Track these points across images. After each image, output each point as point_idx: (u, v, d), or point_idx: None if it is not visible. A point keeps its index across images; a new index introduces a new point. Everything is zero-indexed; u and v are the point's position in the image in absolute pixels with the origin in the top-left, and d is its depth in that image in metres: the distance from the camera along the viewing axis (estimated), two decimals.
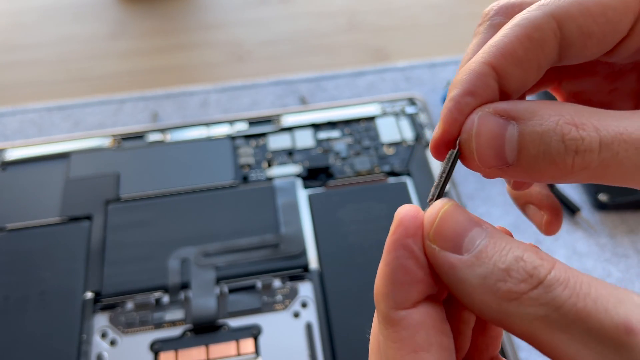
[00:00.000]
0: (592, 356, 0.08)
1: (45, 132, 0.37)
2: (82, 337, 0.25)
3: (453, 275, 0.10)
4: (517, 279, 0.09)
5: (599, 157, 0.09)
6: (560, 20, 0.11)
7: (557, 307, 0.09)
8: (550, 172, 0.10)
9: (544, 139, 0.10)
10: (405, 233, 0.10)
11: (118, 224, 0.29)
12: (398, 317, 0.10)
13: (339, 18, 0.44)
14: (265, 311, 0.26)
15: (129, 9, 0.45)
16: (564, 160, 0.10)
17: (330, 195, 0.30)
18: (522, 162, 0.10)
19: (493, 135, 0.10)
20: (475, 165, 0.11)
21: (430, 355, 0.09)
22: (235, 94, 0.39)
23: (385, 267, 0.10)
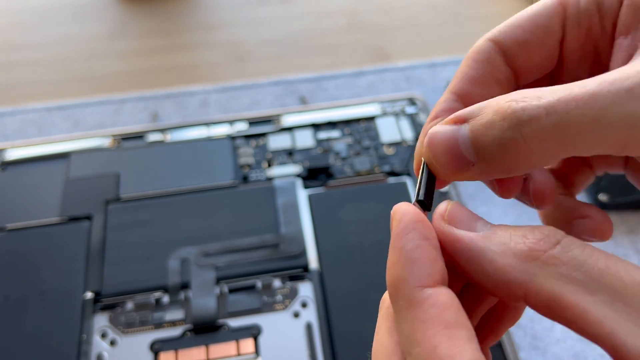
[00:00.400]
0: (618, 317, 0.08)
1: (45, 132, 0.37)
2: (82, 337, 0.25)
3: (474, 247, 0.10)
4: (535, 239, 0.09)
5: (549, 122, 0.09)
6: (495, 40, 0.12)
7: (580, 265, 0.09)
8: (511, 157, 0.10)
9: (489, 126, 0.10)
10: (413, 219, 0.10)
11: (118, 224, 0.29)
12: (425, 294, 0.10)
13: (339, 18, 0.44)
14: (265, 311, 0.26)
15: (129, 8, 0.45)
16: (514, 138, 0.10)
17: (330, 195, 0.30)
18: (482, 157, 0.10)
19: (445, 140, 0.11)
20: (443, 173, 0.11)
21: (463, 332, 0.09)
22: (235, 93, 0.39)
23: (400, 251, 0.10)
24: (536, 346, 0.26)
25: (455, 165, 0.11)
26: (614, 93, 0.09)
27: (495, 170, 0.11)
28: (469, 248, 0.10)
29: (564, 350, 0.26)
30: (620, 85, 0.09)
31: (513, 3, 0.44)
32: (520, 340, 0.27)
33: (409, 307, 0.10)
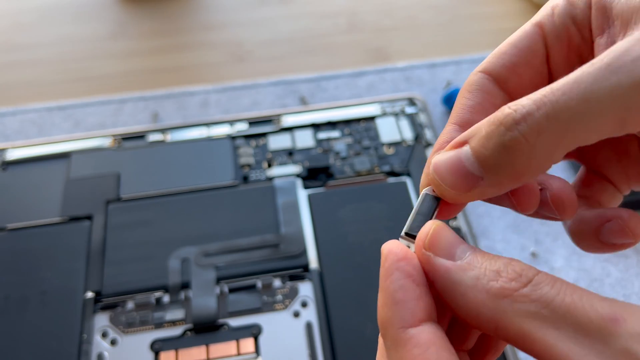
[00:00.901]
0: (582, 350, 0.09)
1: (46, 132, 0.37)
2: (82, 337, 0.25)
3: (448, 278, 0.10)
4: (507, 277, 0.10)
5: (542, 114, 0.10)
6: (485, 70, 0.13)
7: (547, 302, 0.09)
8: (516, 159, 0.10)
9: (488, 137, 0.10)
10: (396, 258, 0.11)
11: (118, 224, 0.29)
12: (408, 335, 0.10)
13: (339, 18, 0.44)
14: (266, 311, 0.26)
15: (129, 9, 0.45)
16: (514, 139, 0.10)
17: (330, 195, 0.30)
18: (489, 167, 0.11)
19: (450, 163, 0.11)
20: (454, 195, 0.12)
21: None
22: (236, 94, 0.39)
23: (385, 292, 0.11)
24: None
25: (464, 184, 0.11)
26: (595, 72, 0.10)
27: (504, 178, 0.11)
28: (443, 279, 0.10)
29: None
30: (600, 64, 0.10)
31: (513, 3, 0.44)
32: None
33: (395, 347, 0.10)
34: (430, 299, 0.11)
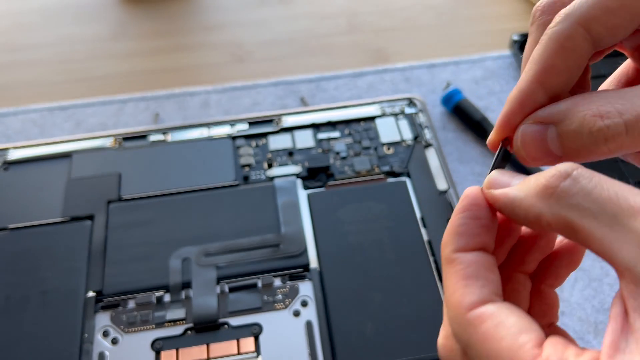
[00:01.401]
0: (615, 237, 0.10)
1: (47, 133, 0.37)
2: (83, 336, 0.25)
3: (506, 200, 0.13)
4: (549, 175, 0.12)
5: (629, 136, 0.12)
6: (586, 25, 0.13)
7: (586, 195, 0.11)
8: (595, 156, 0.12)
9: (577, 136, 0.12)
10: (468, 200, 0.14)
11: (119, 224, 0.30)
12: (455, 256, 0.13)
13: (339, 19, 0.44)
14: (266, 310, 0.26)
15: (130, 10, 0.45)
16: (599, 148, 0.12)
17: (330, 195, 0.30)
18: (569, 154, 0.13)
19: (536, 141, 0.13)
20: (531, 163, 0.14)
21: (477, 283, 0.12)
22: (236, 94, 0.39)
23: (451, 223, 0.14)
24: None
25: (544, 159, 0.13)
26: None
27: (580, 161, 0.13)
28: (503, 201, 0.13)
29: None
30: None
31: (512, 5, 0.44)
32: None
33: (446, 264, 0.13)
34: (487, 237, 0.13)
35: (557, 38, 0.13)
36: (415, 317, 0.25)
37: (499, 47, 0.41)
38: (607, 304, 0.28)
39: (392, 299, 0.26)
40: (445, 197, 0.30)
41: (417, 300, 0.26)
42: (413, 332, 0.25)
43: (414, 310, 0.25)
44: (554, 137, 0.13)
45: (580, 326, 0.27)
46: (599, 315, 0.27)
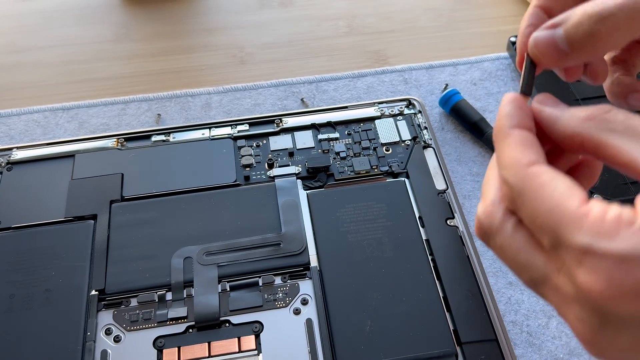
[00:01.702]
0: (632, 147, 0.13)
1: (50, 133, 0.37)
2: (86, 334, 0.26)
3: (552, 114, 0.15)
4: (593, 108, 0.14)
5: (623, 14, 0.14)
6: None
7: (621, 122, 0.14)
8: (596, 43, 0.15)
9: (579, 25, 0.15)
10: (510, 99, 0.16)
11: (122, 223, 0.30)
12: (511, 131, 0.15)
13: (339, 21, 0.45)
14: (267, 308, 0.26)
15: (132, 12, 0.46)
16: (599, 30, 0.15)
17: (330, 195, 0.31)
18: (575, 46, 0.15)
19: (547, 40, 0.16)
20: (546, 63, 0.16)
21: (533, 149, 0.14)
22: (237, 95, 0.39)
23: (500, 111, 0.16)
24: (532, 343, 0.27)
25: (555, 56, 0.16)
26: None
27: (584, 55, 0.16)
28: (549, 115, 0.15)
29: (559, 347, 0.27)
30: None
31: (510, 6, 0.45)
32: (516, 337, 0.27)
33: (502, 139, 0.15)
34: (530, 121, 0.15)
35: None
36: (414, 315, 0.26)
37: (496, 49, 0.41)
38: None
39: (391, 297, 0.26)
40: (443, 197, 0.31)
41: (415, 298, 0.26)
42: (412, 329, 0.25)
43: (412, 308, 0.26)
44: (561, 34, 0.16)
45: None
46: None
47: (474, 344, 0.25)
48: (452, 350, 0.25)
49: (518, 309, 0.28)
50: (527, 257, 0.14)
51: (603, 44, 0.16)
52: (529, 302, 0.28)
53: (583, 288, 0.12)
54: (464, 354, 0.25)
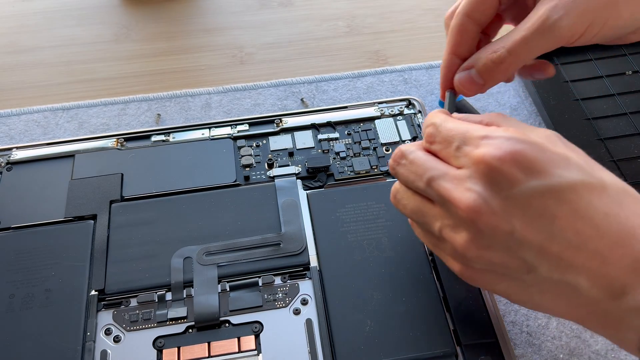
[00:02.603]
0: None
1: (50, 133, 0.37)
2: (86, 334, 0.26)
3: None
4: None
5: (511, 56, 0.23)
6: (470, 15, 0.25)
7: None
8: (501, 74, 0.24)
9: (486, 66, 0.24)
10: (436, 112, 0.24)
11: (122, 223, 0.30)
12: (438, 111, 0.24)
13: (339, 21, 0.45)
14: (267, 308, 0.26)
15: (132, 12, 0.46)
16: (499, 67, 0.24)
17: (330, 195, 0.31)
18: (486, 79, 0.25)
19: (466, 79, 0.25)
20: (468, 94, 0.26)
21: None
22: (237, 95, 0.39)
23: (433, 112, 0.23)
24: (532, 343, 0.27)
25: (474, 87, 0.25)
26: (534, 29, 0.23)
27: (493, 83, 0.25)
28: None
29: (559, 347, 0.27)
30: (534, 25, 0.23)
31: None
32: (516, 337, 0.27)
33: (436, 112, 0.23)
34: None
35: (453, 27, 0.26)
36: (414, 315, 0.26)
37: None
38: None
39: (391, 297, 0.26)
40: None
41: (415, 298, 0.26)
42: (411, 329, 0.25)
43: (412, 308, 0.26)
44: (475, 73, 0.25)
45: (577, 325, 0.27)
46: None
47: (474, 344, 0.25)
48: (452, 350, 0.25)
49: (518, 309, 0.28)
50: (432, 164, 0.20)
51: (504, 74, 0.24)
52: None
53: (479, 157, 0.18)
54: (463, 354, 0.25)
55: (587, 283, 0.18)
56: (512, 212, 0.18)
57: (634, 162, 0.33)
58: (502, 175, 0.18)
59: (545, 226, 0.18)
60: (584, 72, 0.38)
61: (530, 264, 0.18)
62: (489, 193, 0.18)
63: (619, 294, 0.17)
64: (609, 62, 0.39)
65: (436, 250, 0.22)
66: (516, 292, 0.20)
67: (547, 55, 0.40)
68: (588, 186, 0.18)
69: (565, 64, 0.39)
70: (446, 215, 0.20)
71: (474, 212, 0.18)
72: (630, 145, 0.34)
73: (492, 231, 0.18)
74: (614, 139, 0.34)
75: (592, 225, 0.18)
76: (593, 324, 0.19)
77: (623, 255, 0.17)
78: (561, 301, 0.19)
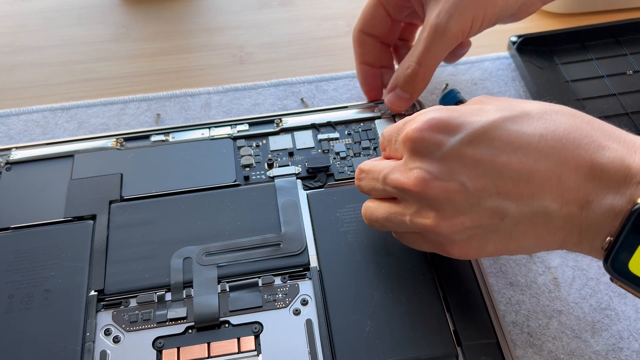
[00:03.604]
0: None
1: (50, 133, 0.37)
2: (85, 335, 0.26)
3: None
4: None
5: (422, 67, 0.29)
6: (364, 30, 0.33)
7: None
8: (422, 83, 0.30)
9: (407, 82, 0.30)
10: None
11: (121, 224, 0.30)
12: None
13: (339, 21, 0.45)
14: (266, 309, 0.26)
15: (132, 12, 0.46)
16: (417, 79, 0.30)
17: (330, 195, 0.31)
18: (411, 93, 0.31)
19: (395, 99, 0.31)
20: (400, 111, 0.33)
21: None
22: (237, 95, 0.39)
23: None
24: (532, 343, 0.27)
25: (403, 103, 0.31)
26: (430, 38, 0.28)
27: (419, 93, 0.31)
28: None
29: (559, 348, 0.27)
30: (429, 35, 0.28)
31: None
32: (517, 338, 0.27)
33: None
34: None
35: (354, 39, 0.34)
36: (414, 315, 0.25)
37: (497, 49, 0.41)
38: (605, 303, 0.28)
39: (391, 297, 0.26)
40: None
41: (415, 299, 0.26)
42: (411, 330, 0.25)
43: (412, 308, 0.26)
44: (400, 91, 0.30)
45: (578, 325, 0.27)
46: (596, 314, 0.28)
47: (474, 345, 0.25)
48: (452, 351, 0.24)
49: (518, 310, 0.28)
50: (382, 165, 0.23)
51: (423, 83, 0.30)
52: (529, 303, 0.28)
53: (403, 137, 0.21)
54: (464, 354, 0.25)
55: (555, 204, 0.19)
56: (453, 170, 0.19)
57: None
58: (426, 141, 0.20)
59: (488, 170, 0.19)
60: (585, 72, 0.38)
61: (499, 209, 0.19)
62: (425, 163, 0.20)
63: (585, 204, 0.18)
64: (609, 62, 0.39)
65: (429, 246, 0.23)
66: (504, 245, 0.20)
67: (547, 56, 0.40)
68: (510, 119, 0.19)
69: (565, 64, 0.39)
70: (408, 205, 0.21)
71: (421, 186, 0.20)
72: None
73: (447, 195, 0.19)
74: None
75: (532, 149, 0.19)
76: (575, 243, 0.20)
77: (576, 167, 0.18)
78: (542, 232, 0.19)
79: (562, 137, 0.18)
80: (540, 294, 0.28)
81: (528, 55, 0.39)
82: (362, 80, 0.34)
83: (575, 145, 0.18)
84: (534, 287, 0.29)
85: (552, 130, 0.19)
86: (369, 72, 0.33)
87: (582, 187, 0.18)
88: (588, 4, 0.43)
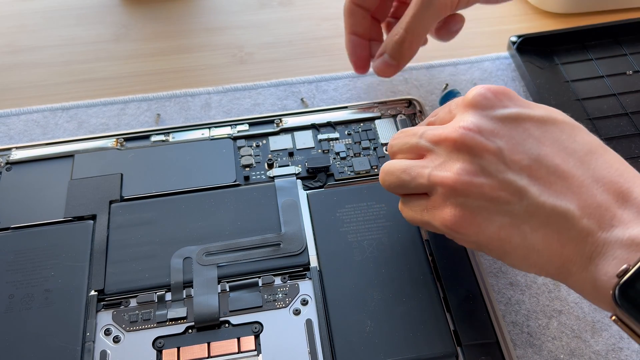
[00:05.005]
0: None
1: (50, 133, 0.37)
2: (85, 335, 0.26)
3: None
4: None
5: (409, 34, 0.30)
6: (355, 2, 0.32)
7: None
8: (410, 52, 0.31)
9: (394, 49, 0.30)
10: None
11: (121, 224, 0.30)
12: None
13: (339, 21, 0.45)
14: (267, 309, 0.26)
15: (132, 12, 0.46)
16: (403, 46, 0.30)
17: (330, 195, 0.31)
18: (398, 59, 0.31)
19: (382, 64, 0.31)
20: (387, 76, 0.33)
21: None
22: (237, 95, 0.39)
23: None
24: (532, 343, 0.27)
25: (391, 69, 0.32)
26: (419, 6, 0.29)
27: (406, 61, 0.31)
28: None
29: (559, 348, 0.27)
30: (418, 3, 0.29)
31: (510, 6, 0.44)
32: (517, 338, 0.27)
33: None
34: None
35: (345, 10, 0.33)
36: (414, 316, 0.25)
37: (497, 49, 0.41)
38: None
39: (391, 297, 0.26)
40: None
41: (415, 299, 0.26)
42: (411, 330, 0.25)
43: (412, 308, 0.26)
44: (387, 57, 0.31)
45: (578, 325, 0.27)
46: (596, 314, 0.28)
47: (474, 345, 0.25)
48: (452, 351, 0.24)
49: (518, 310, 0.28)
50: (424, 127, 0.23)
51: (411, 50, 0.30)
52: (529, 303, 0.28)
53: (467, 97, 0.22)
54: (464, 354, 0.25)
55: (578, 211, 0.18)
56: (499, 133, 0.20)
57: (635, 162, 0.33)
58: (487, 99, 0.21)
59: (531, 149, 0.19)
60: (585, 72, 0.38)
61: (522, 188, 0.19)
62: (477, 117, 0.20)
63: (608, 226, 0.18)
64: (609, 62, 0.39)
65: (426, 215, 0.22)
66: (509, 234, 0.20)
67: (547, 56, 0.40)
68: (570, 124, 0.21)
69: (565, 64, 0.39)
70: (436, 157, 0.21)
71: (462, 134, 0.20)
72: (631, 145, 0.34)
73: (480, 150, 0.20)
74: (615, 139, 0.34)
75: (577, 157, 0.19)
76: (580, 265, 0.19)
77: (612, 190, 0.18)
78: (552, 237, 0.19)
79: (608, 162, 0.19)
80: (540, 294, 0.28)
81: (528, 55, 0.39)
82: (351, 50, 0.33)
83: (618, 173, 0.19)
84: (534, 287, 0.29)
85: (601, 153, 0.20)
86: (357, 43, 0.33)
87: (611, 208, 0.18)
88: (588, 4, 0.43)
